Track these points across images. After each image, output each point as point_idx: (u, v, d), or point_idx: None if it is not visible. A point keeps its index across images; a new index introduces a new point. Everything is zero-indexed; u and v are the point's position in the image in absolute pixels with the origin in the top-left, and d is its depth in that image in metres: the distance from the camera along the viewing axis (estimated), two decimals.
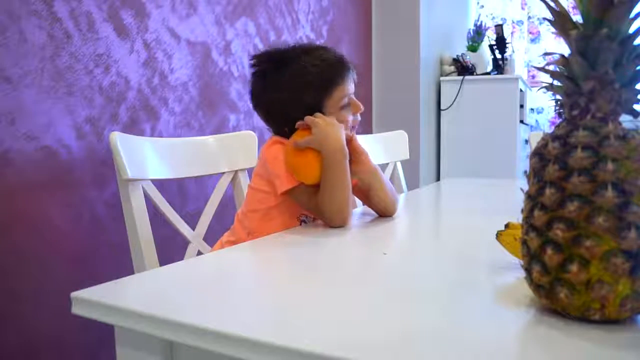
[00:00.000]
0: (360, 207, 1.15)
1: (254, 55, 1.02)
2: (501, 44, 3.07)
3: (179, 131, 1.49)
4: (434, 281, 0.61)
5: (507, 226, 0.64)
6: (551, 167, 0.44)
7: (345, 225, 0.93)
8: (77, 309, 0.53)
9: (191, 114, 1.54)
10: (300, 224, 1.01)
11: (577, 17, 0.46)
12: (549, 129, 2.99)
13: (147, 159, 1.04)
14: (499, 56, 3.09)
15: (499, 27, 3.11)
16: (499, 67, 3.07)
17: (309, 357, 0.39)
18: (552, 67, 0.48)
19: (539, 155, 0.46)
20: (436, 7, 3.03)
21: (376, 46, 2.81)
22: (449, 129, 2.96)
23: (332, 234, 0.88)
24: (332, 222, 0.93)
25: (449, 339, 0.43)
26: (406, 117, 2.73)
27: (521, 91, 2.94)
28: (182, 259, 1.08)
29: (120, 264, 1.24)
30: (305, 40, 2.16)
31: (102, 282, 0.57)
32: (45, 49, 1.12)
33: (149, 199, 1.02)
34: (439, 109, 3.00)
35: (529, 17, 4.23)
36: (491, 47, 3.12)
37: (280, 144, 0.98)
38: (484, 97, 2.88)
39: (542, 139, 0.47)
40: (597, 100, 0.44)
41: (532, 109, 4.04)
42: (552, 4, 0.46)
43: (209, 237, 1.15)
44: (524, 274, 0.48)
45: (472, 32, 3.28)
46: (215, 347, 0.43)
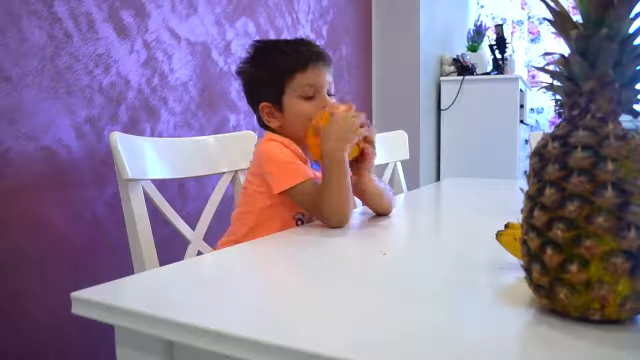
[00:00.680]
0: (360, 207, 1.15)
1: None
2: (501, 44, 3.07)
3: (179, 131, 1.49)
4: (433, 281, 0.61)
5: (507, 226, 0.64)
6: (551, 167, 0.44)
7: (343, 225, 0.93)
8: (77, 309, 0.52)
9: (191, 114, 1.54)
10: (296, 223, 1.01)
11: (577, 17, 0.46)
12: (549, 129, 2.99)
13: (147, 159, 1.04)
14: (499, 56, 3.09)
15: (499, 27, 3.11)
16: (499, 67, 3.07)
17: (309, 357, 0.39)
18: (552, 67, 0.48)
19: (539, 155, 0.46)
20: (436, 7, 3.02)
21: (376, 46, 2.81)
22: (449, 129, 2.96)
23: (332, 234, 0.88)
24: (330, 221, 0.92)
25: (449, 339, 0.43)
26: (406, 117, 2.73)
27: (521, 91, 2.94)
28: (182, 259, 1.07)
29: (120, 264, 1.24)
30: None
31: (102, 282, 0.57)
32: (45, 49, 1.12)
33: (149, 199, 1.02)
34: (439, 109, 3.00)
35: (529, 17, 4.22)
36: (491, 47, 3.12)
37: (274, 142, 0.98)
38: (484, 97, 2.88)
39: (542, 139, 0.47)
40: (597, 100, 0.44)
41: (532, 109, 4.03)
42: (552, 4, 0.46)
43: (209, 237, 1.15)
44: (524, 274, 0.48)
45: (472, 32, 3.28)
46: (215, 347, 0.43)
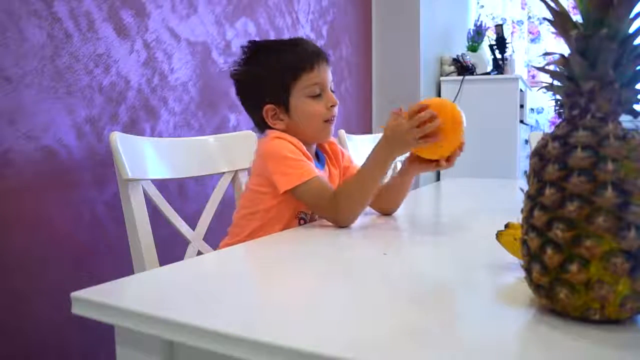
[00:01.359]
0: None
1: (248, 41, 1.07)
2: (501, 44, 3.07)
3: (179, 131, 1.49)
4: (433, 281, 0.61)
5: (507, 226, 0.64)
6: (551, 167, 0.44)
7: (350, 224, 0.93)
8: (77, 309, 0.52)
9: (191, 114, 1.54)
10: (299, 222, 1.01)
11: (577, 17, 0.46)
12: (549, 129, 2.98)
13: (147, 159, 1.04)
14: (499, 56, 3.09)
15: (499, 27, 3.11)
16: (499, 67, 3.07)
17: (309, 357, 0.39)
18: (552, 67, 0.48)
19: (539, 155, 0.46)
20: (436, 7, 3.03)
21: (376, 46, 2.81)
22: None
23: (332, 234, 0.88)
24: (339, 218, 0.92)
25: (449, 338, 0.43)
26: None
27: (521, 91, 2.94)
28: (182, 259, 1.07)
29: (120, 264, 1.24)
30: None
31: (102, 282, 0.57)
32: (45, 49, 1.12)
33: (149, 199, 1.02)
34: None
35: (529, 17, 4.22)
36: (491, 47, 3.12)
37: (279, 139, 0.97)
38: (484, 97, 2.88)
39: (542, 139, 0.47)
40: (597, 100, 0.44)
41: (532, 109, 4.03)
42: (552, 4, 0.46)
43: (209, 237, 1.15)
44: (524, 274, 0.48)
45: (472, 32, 3.28)
46: (215, 347, 0.43)
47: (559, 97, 0.47)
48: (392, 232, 0.96)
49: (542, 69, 0.49)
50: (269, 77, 1.00)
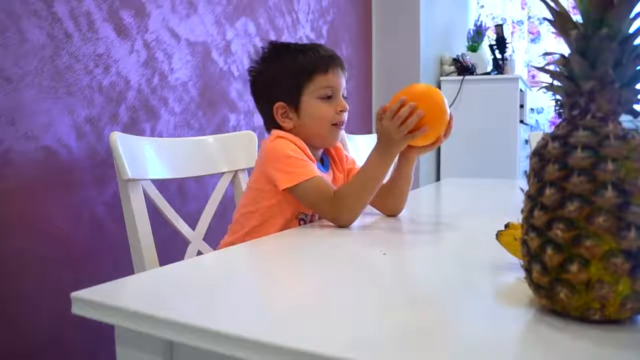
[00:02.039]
0: None
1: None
2: (501, 44, 3.07)
3: (179, 131, 1.49)
4: (433, 281, 0.61)
5: (507, 226, 0.64)
6: (551, 167, 0.44)
7: (350, 224, 0.93)
8: (77, 309, 0.52)
9: (191, 114, 1.54)
10: (299, 223, 1.01)
11: (577, 17, 0.46)
12: (549, 129, 2.99)
13: (147, 159, 1.04)
14: (499, 56, 3.09)
15: (499, 27, 3.11)
16: (499, 67, 3.07)
17: (309, 357, 0.39)
18: (552, 67, 0.48)
19: (539, 155, 0.46)
20: (436, 7, 3.03)
21: (376, 46, 2.81)
22: None
23: (332, 234, 0.88)
24: (339, 218, 0.92)
25: (449, 338, 0.43)
26: None
27: (521, 91, 2.94)
28: (182, 259, 1.08)
29: (120, 264, 1.24)
30: (305, 40, 2.17)
31: (102, 282, 0.57)
32: (45, 49, 1.12)
33: (149, 199, 1.02)
34: None
35: (529, 17, 4.23)
36: (491, 47, 3.12)
37: (282, 138, 0.97)
38: (484, 97, 2.88)
39: (542, 139, 0.47)
40: (597, 100, 0.44)
41: (532, 109, 4.03)
42: (552, 4, 0.46)
43: (209, 237, 1.15)
44: (524, 274, 0.48)
45: (472, 32, 3.28)
46: (215, 347, 0.43)
47: (559, 97, 0.47)
48: (392, 232, 0.96)
49: (542, 69, 0.49)
50: (283, 76, 1.01)
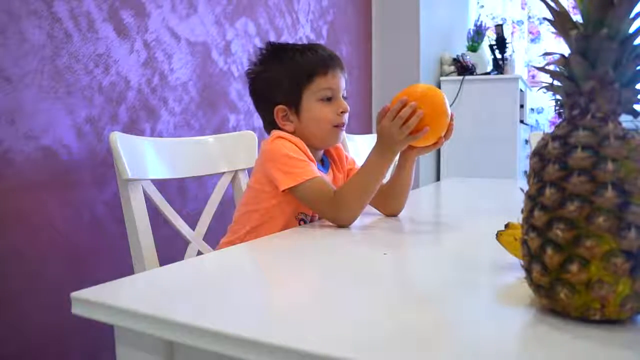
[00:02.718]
0: None
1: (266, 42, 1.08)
2: (501, 44, 3.07)
3: (179, 131, 1.49)
4: (433, 281, 0.61)
5: (507, 226, 0.64)
6: (551, 167, 0.44)
7: (350, 223, 0.93)
8: (77, 309, 0.52)
9: (191, 114, 1.54)
10: (299, 224, 1.01)
11: (577, 17, 0.46)
12: (549, 129, 2.98)
13: (147, 159, 1.04)
14: (499, 56, 3.09)
15: (499, 27, 3.11)
16: (499, 67, 3.07)
17: (309, 357, 0.39)
18: (552, 67, 0.48)
19: (539, 155, 0.46)
20: (436, 7, 3.02)
21: (376, 46, 2.81)
22: None
23: (332, 234, 0.88)
24: (339, 218, 0.92)
25: (449, 338, 0.43)
26: None
27: (521, 91, 2.94)
28: (182, 259, 1.08)
29: (120, 264, 1.24)
30: (305, 40, 2.16)
31: (102, 282, 0.57)
32: (45, 49, 1.12)
33: (149, 199, 1.02)
34: None
35: (529, 17, 4.23)
36: (491, 47, 3.12)
37: (282, 139, 0.97)
38: (484, 97, 2.88)
39: (542, 139, 0.47)
40: (597, 100, 0.44)
41: (532, 109, 4.04)
42: (552, 4, 0.46)
43: (209, 237, 1.15)
44: (524, 274, 0.48)
45: (472, 32, 3.28)
46: (215, 347, 0.43)
47: (559, 97, 0.47)
48: (392, 232, 0.95)
49: (542, 69, 0.49)
50: (282, 78, 1.01)
